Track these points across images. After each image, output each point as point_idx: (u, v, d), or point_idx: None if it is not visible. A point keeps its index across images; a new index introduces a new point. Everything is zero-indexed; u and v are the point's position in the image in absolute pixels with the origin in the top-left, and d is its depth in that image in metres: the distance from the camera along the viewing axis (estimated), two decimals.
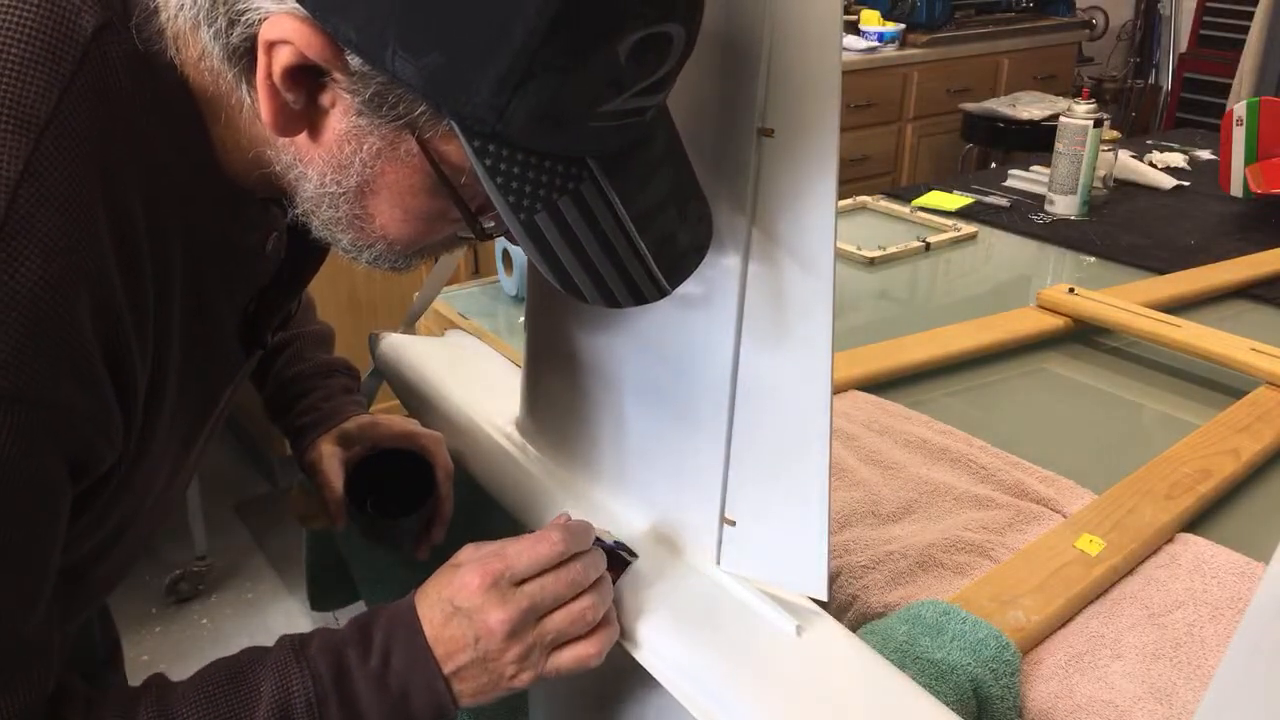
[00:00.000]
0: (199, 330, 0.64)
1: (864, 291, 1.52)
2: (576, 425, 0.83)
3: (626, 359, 0.75)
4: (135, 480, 0.64)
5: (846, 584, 0.87)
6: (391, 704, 0.65)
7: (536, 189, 0.51)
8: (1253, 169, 1.81)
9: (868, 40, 3.33)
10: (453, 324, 1.33)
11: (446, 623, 0.65)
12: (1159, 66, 4.40)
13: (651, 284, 0.57)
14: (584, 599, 0.67)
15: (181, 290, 0.61)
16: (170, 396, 0.63)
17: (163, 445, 0.65)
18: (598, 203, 0.53)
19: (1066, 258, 1.67)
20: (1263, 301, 1.47)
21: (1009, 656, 0.75)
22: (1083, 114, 1.73)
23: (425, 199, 0.57)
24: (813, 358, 0.61)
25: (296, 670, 0.63)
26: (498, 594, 0.65)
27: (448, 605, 0.66)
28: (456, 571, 0.67)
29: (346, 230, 0.60)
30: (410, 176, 0.56)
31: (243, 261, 0.67)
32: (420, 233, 0.60)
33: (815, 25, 0.55)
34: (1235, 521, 0.97)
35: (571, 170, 0.52)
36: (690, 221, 0.58)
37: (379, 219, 0.59)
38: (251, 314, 0.71)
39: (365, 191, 0.57)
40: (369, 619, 0.67)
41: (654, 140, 0.55)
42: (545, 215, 0.52)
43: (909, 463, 1.03)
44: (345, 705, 0.64)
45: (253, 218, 0.65)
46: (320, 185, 0.57)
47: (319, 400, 0.95)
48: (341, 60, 0.50)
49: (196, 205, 0.60)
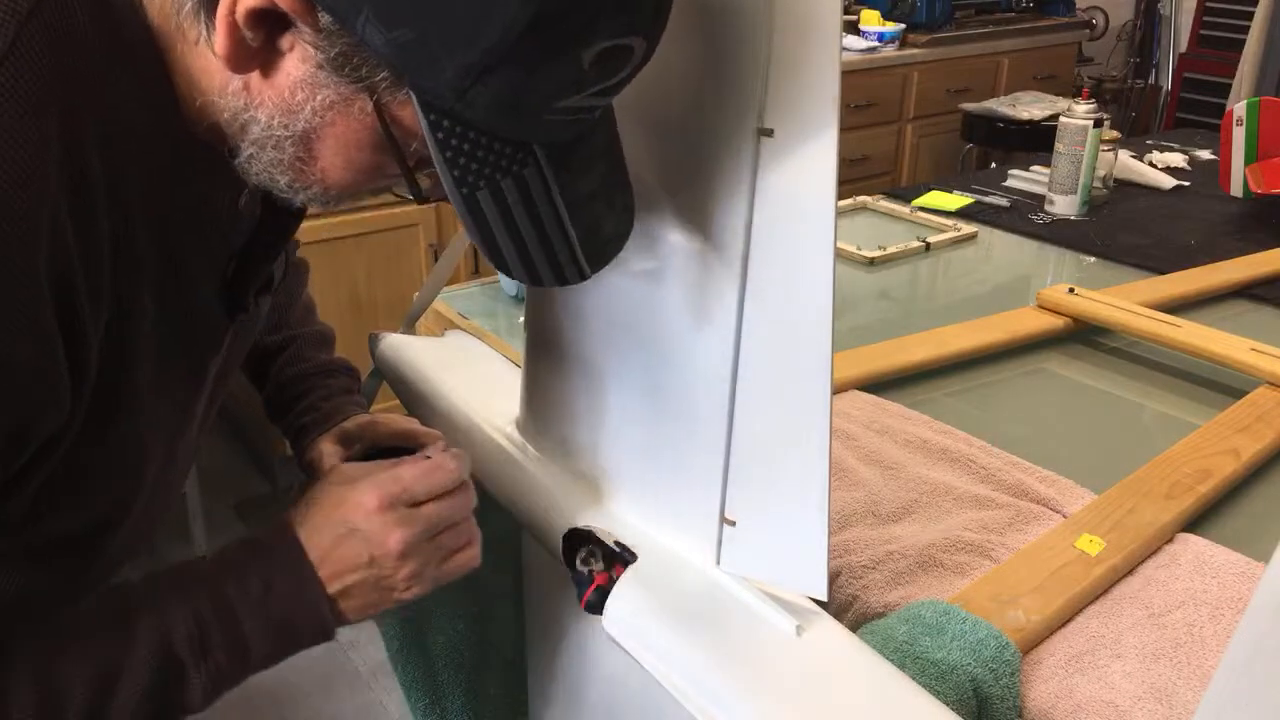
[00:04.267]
0: (173, 291, 0.64)
1: (864, 291, 1.52)
2: (576, 425, 0.83)
3: (626, 359, 0.75)
4: (118, 446, 0.64)
5: (846, 584, 0.87)
6: (275, 628, 0.66)
7: (483, 167, 0.53)
8: (1253, 169, 1.81)
9: (868, 40, 3.33)
10: (453, 324, 1.32)
11: (339, 543, 0.67)
12: (1159, 66, 4.39)
13: (574, 267, 0.59)
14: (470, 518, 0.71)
15: (148, 247, 0.61)
16: (146, 358, 0.63)
17: (149, 412, 0.65)
18: (538, 188, 0.55)
19: (1066, 258, 1.67)
20: (1263, 301, 1.47)
21: (1009, 656, 0.75)
22: (1083, 114, 1.73)
23: (369, 154, 0.58)
24: (813, 358, 0.61)
25: (174, 605, 0.63)
26: (395, 516, 0.68)
27: (340, 526, 0.67)
28: (349, 490, 0.68)
29: (286, 172, 0.60)
30: (359, 132, 0.57)
31: (216, 221, 0.66)
32: (357, 182, 0.61)
33: (815, 25, 0.55)
34: (1235, 521, 0.97)
35: (519, 155, 0.53)
36: (617, 211, 0.60)
37: (320, 163, 0.59)
38: (230, 277, 0.71)
39: (311, 138, 0.58)
40: (240, 549, 0.68)
41: (598, 134, 0.57)
42: (487, 193, 0.54)
43: (909, 463, 1.03)
44: (228, 633, 0.64)
45: (220, 174, 0.64)
46: (267, 127, 0.58)
47: (319, 400, 0.95)
48: (312, 16, 0.51)
49: (158, 157, 0.60)
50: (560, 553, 0.78)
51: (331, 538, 0.67)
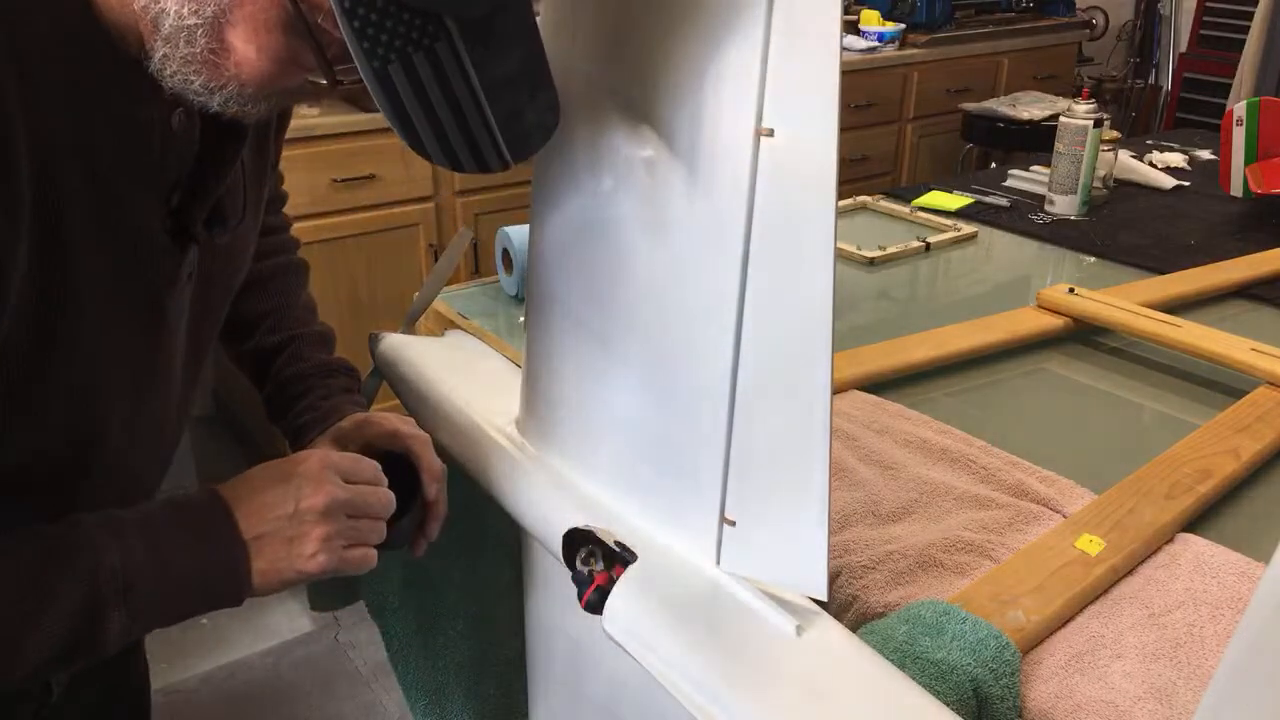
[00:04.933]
0: (110, 219, 0.64)
1: (864, 291, 1.52)
2: (576, 424, 0.82)
3: (626, 359, 0.75)
4: (64, 378, 0.64)
5: (846, 584, 0.87)
6: (195, 558, 0.67)
7: (393, 39, 0.53)
8: (1253, 169, 1.81)
9: (868, 40, 3.33)
10: (453, 324, 1.32)
11: (269, 486, 0.70)
12: (1159, 66, 4.39)
13: (495, 153, 0.59)
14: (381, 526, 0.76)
15: (76, 173, 0.60)
16: (84, 291, 0.63)
17: (99, 346, 0.65)
18: (451, 64, 0.55)
19: (1066, 258, 1.67)
20: (1263, 301, 1.47)
21: (1009, 656, 0.75)
22: (1083, 114, 1.73)
23: (280, 37, 0.58)
24: (813, 358, 0.61)
25: (109, 543, 0.64)
26: (330, 477, 0.71)
27: (276, 472, 0.70)
28: (299, 454, 0.72)
29: (200, 70, 0.60)
30: (267, 10, 0.57)
31: (147, 142, 0.65)
32: (273, 74, 0.61)
33: (815, 25, 0.55)
34: (1235, 521, 0.97)
35: (429, 27, 0.54)
36: (539, 105, 0.61)
37: (234, 55, 0.59)
38: (177, 205, 0.70)
39: (221, 23, 0.58)
40: (176, 498, 0.70)
41: (510, 14, 0.57)
42: (399, 67, 0.54)
43: (909, 463, 1.03)
44: (153, 573, 0.65)
45: (145, 90, 0.63)
46: (178, 18, 0.57)
47: (318, 400, 0.94)
48: None
49: (80, 76, 0.59)
50: (560, 553, 0.78)
51: (264, 480, 0.70)
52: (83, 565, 0.63)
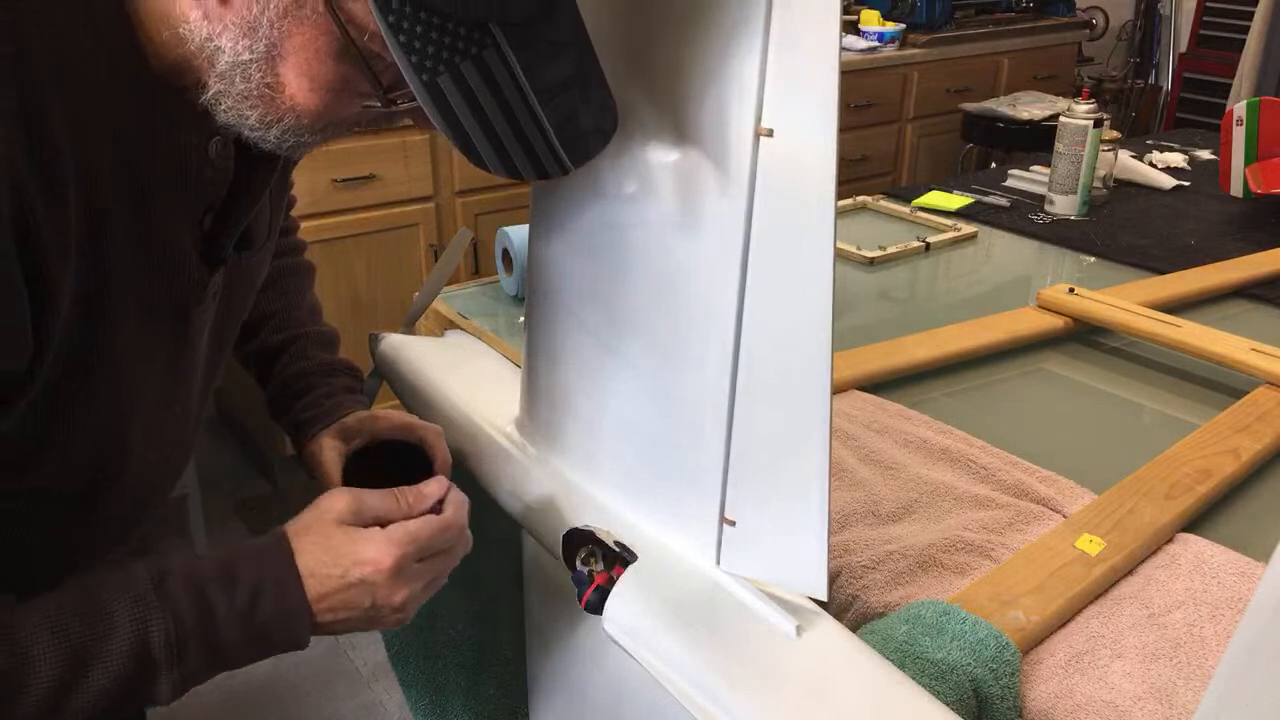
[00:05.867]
0: (148, 241, 0.64)
1: (864, 291, 1.52)
2: (576, 424, 0.83)
3: (626, 359, 0.75)
4: (102, 398, 0.63)
5: (846, 584, 0.87)
6: (254, 642, 0.66)
7: (440, 50, 0.53)
8: (1253, 169, 1.81)
9: (868, 40, 3.33)
10: (453, 324, 1.33)
11: (344, 589, 0.68)
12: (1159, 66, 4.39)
13: (553, 159, 0.59)
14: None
15: (119, 197, 0.61)
16: (122, 310, 0.63)
17: (133, 365, 0.65)
18: (501, 71, 0.55)
19: (1066, 258, 1.67)
20: (1263, 301, 1.47)
21: (1009, 656, 0.75)
22: (1083, 114, 1.73)
23: (332, 65, 0.58)
24: (812, 357, 0.61)
25: (157, 606, 0.63)
26: (407, 574, 0.69)
27: (350, 576, 0.67)
28: (361, 544, 0.68)
29: (256, 105, 0.60)
30: (317, 39, 0.57)
31: (185, 167, 0.66)
32: (328, 104, 0.61)
33: (815, 25, 0.55)
34: (1235, 521, 0.97)
35: (475, 35, 0.54)
36: (593, 106, 0.60)
37: (288, 88, 0.59)
38: (209, 229, 0.71)
39: (274, 57, 0.58)
40: (235, 558, 0.67)
41: (559, 19, 0.57)
42: (448, 79, 0.54)
43: (909, 463, 1.03)
44: (205, 643, 0.64)
45: (185, 118, 0.64)
46: (233, 54, 0.58)
47: (321, 397, 0.95)
48: None
49: (121, 100, 0.60)
50: (560, 553, 0.78)
51: (339, 585, 0.67)
52: (135, 632, 0.62)
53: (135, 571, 0.65)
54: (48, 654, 0.59)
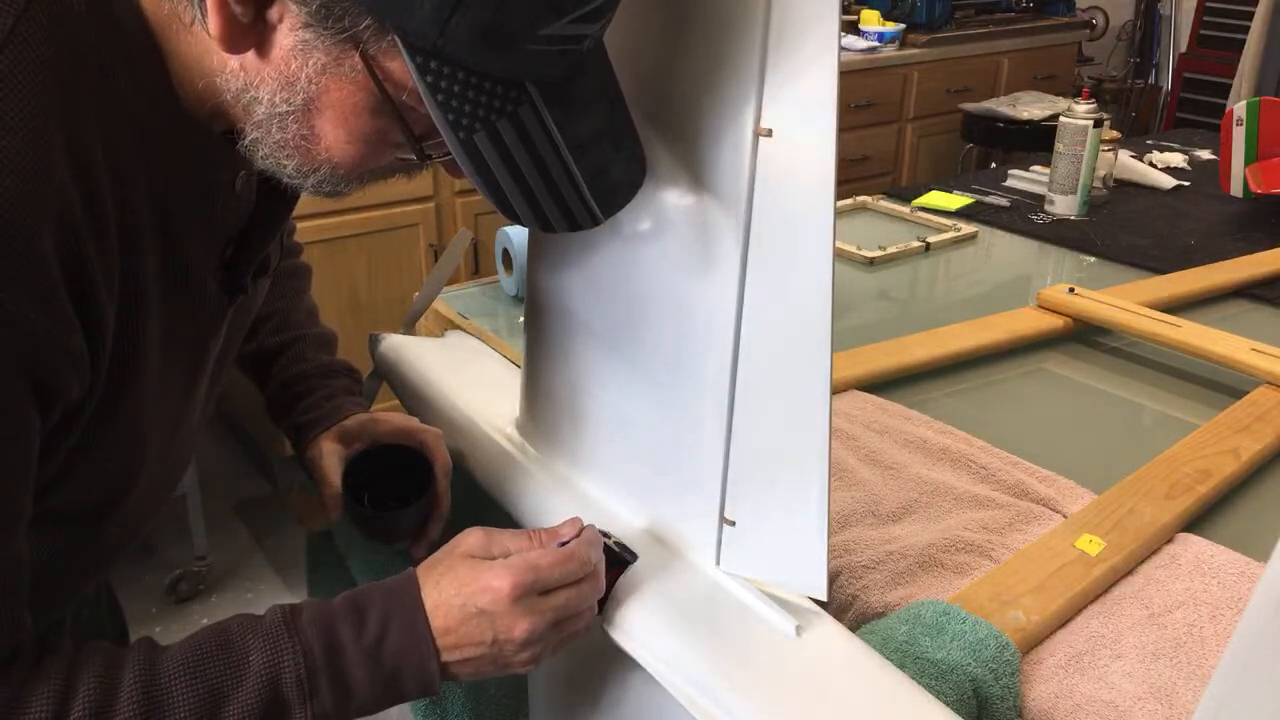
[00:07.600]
0: (175, 273, 0.65)
1: (864, 291, 1.52)
2: (576, 425, 0.83)
3: (626, 359, 0.75)
4: (125, 423, 0.64)
5: (846, 584, 0.87)
6: (384, 681, 0.65)
7: (476, 109, 0.54)
8: (1253, 169, 1.81)
9: (868, 40, 3.33)
10: (453, 324, 1.32)
11: (465, 621, 0.66)
12: (1159, 66, 4.40)
13: (585, 211, 0.59)
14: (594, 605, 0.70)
15: (151, 232, 0.61)
16: (151, 339, 0.63)
17: (154, 391, 0.65)
18: (535, 128, 0.55)
19: (1066, 258, 1.67)
20: (1263, 301, 1.47)
21: (1009, 656, 0.75)
22: (1083, 114, 1.73)
23: (368, 119, 0.58)
24: (813, 358, 0.61)
25: (288, 643, 0.63)
26: (526, 604, 0.67)
27: (470, 605, 0.66)
28: (485, 572, 0.67)
29: (293, 155, 0.60)
30: (354, 94, 0.57)
31: (212, 202, 0.67)
32: (363, 155, 0.61)
33: (813, 25, 0.55)
34: (1235, 521, 0.97)
35: (511, 93, 0.54)
36: (624, 157, 0.61)
37: (324, 140, 0.60)
38: (230, 259, 0.71)
39: (311, 110, 0.58)
40: (364, 595, 0.67)
41: (590, 75, 0.57)
42: (484, 136, 0.54)
43: (909, 463, 1.03)
44: (335, 681, 0.64)
45: (215, 155, 0.64)
46: (270, 105, 0.58)
47: (321, 399, 0.95)
48: None
49: (157, 142, 0.60)
50: None
51: (460, 615, 0.66)
52: (267, 673, 0.62)
53: (269, 612, 0.65)
54: (185, 695, 0.60)
